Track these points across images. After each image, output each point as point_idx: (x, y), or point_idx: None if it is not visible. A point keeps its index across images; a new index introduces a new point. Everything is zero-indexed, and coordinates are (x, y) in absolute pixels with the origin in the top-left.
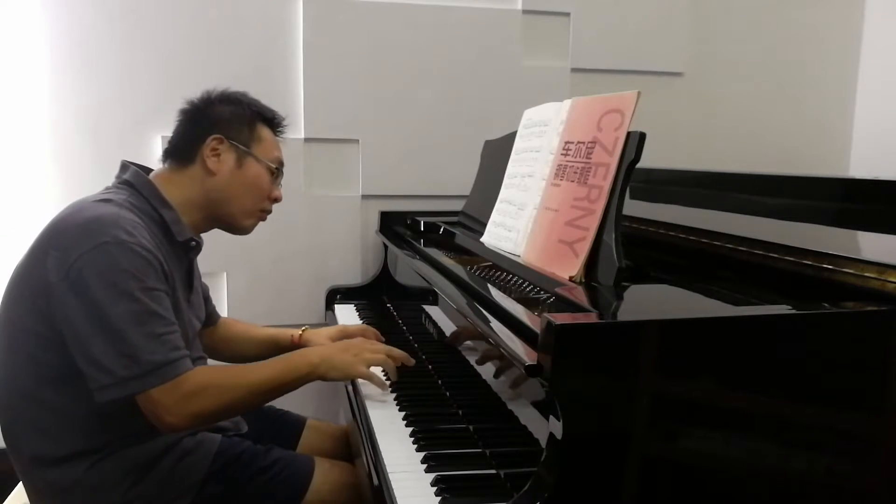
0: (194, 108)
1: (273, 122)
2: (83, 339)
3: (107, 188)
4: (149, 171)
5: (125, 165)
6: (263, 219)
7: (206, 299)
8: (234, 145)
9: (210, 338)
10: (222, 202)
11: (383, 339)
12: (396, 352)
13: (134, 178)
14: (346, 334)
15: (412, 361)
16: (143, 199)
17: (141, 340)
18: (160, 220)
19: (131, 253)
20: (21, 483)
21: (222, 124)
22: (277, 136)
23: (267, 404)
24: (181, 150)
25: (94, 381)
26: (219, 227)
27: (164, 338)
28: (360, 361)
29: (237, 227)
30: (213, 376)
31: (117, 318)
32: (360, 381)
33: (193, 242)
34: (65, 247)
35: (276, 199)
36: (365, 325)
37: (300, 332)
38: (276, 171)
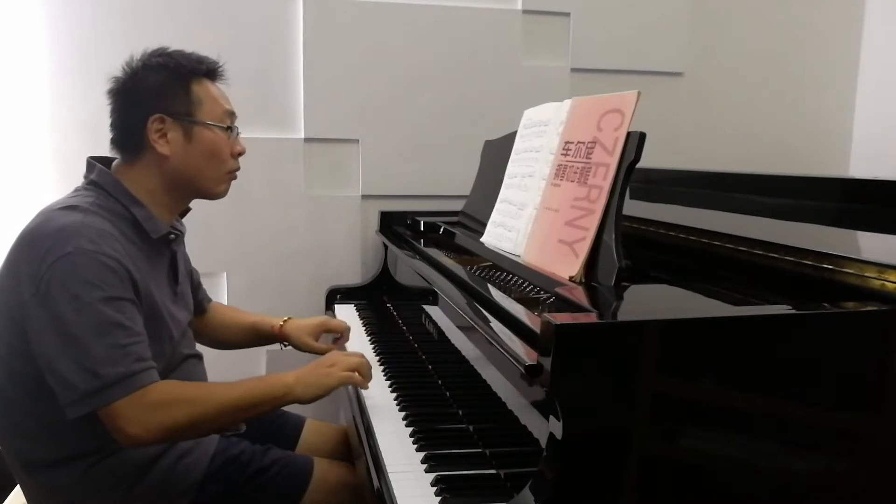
0: (122, 87)
1: (209, 72)
2: (49, 356)
3: (76, 190)
4: (111, 161)
5: (91, 164)
6: (234, 178)
7: (197, 287)
8: (176, 120)
9: (199, 324)
10: (186, 181)
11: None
12: (365, 364)
13: (100, 178)
14: (328, 328)
15: (367, 386)
16: (112, 200)
17: (102, 353)
18: (132, 219)
19: (94, 262)
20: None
21: (157, 99)
22: (218, 82)
23: None
24: (127, 140)
25: (62, 397)
26: (195, 197)
27: (127, 349)
28: (336, 371)
29: (211, 196)
30: (182, 390)
31: (78, 329)
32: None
33: (172, 235)
34: (33, 260)
35: (240, 154)
36: (344, 323)
37: (281, 323)
38: (229, 127)
